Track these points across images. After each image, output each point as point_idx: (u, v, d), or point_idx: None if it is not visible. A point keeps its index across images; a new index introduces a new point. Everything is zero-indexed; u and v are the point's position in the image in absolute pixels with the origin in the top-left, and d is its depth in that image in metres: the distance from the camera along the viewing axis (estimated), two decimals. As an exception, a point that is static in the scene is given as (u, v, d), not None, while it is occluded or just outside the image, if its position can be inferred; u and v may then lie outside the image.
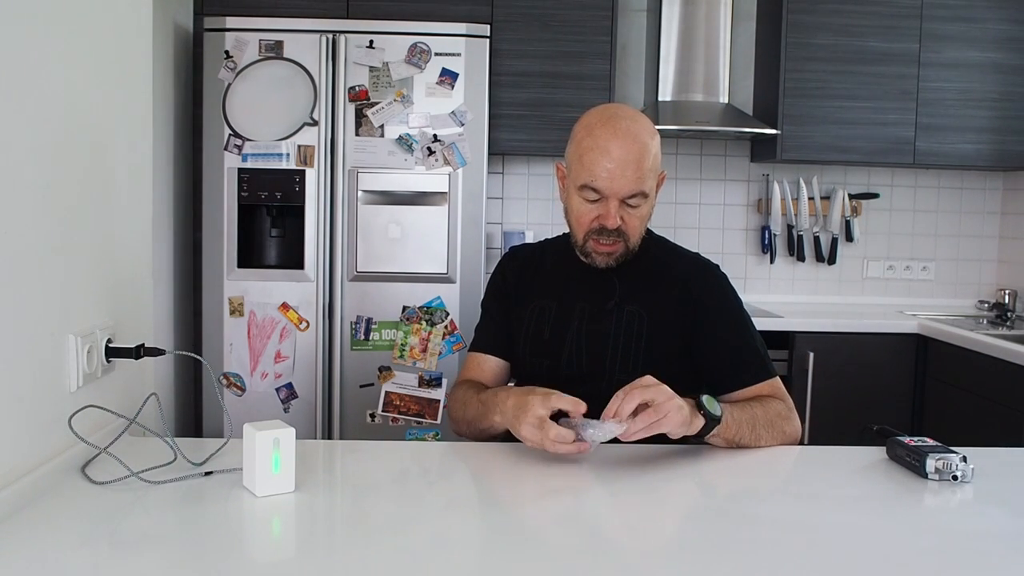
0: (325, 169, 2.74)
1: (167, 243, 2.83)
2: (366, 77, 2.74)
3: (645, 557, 1.02)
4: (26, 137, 1.15)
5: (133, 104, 1.55)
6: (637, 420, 1.27)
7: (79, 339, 1.27)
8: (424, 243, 2.77)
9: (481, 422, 1.46)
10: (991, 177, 3.60)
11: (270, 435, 1.14)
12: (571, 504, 1.21)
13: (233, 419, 1.38)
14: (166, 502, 1.14)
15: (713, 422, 1.35)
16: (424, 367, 2.78)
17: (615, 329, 1.56)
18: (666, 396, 1.29)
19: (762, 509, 1.19)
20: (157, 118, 2.55)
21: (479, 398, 1.49)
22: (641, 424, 1.27)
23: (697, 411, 1.34)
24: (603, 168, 1.45)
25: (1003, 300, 3.34)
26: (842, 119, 3.21)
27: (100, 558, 0.98)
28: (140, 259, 1.58)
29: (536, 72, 3.07)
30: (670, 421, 1.29)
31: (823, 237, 3.54)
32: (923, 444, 1.31)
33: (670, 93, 3.27)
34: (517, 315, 1.64)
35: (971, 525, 1.15)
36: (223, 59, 2.72)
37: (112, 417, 1.31)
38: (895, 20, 3.19)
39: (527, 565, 0.98)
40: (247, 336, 2.76)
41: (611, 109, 1.51)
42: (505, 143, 3.09)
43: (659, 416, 1.28)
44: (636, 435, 1.28)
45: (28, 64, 1.16)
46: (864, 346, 3.02)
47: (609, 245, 1.52)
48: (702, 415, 1.34)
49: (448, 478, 1.35)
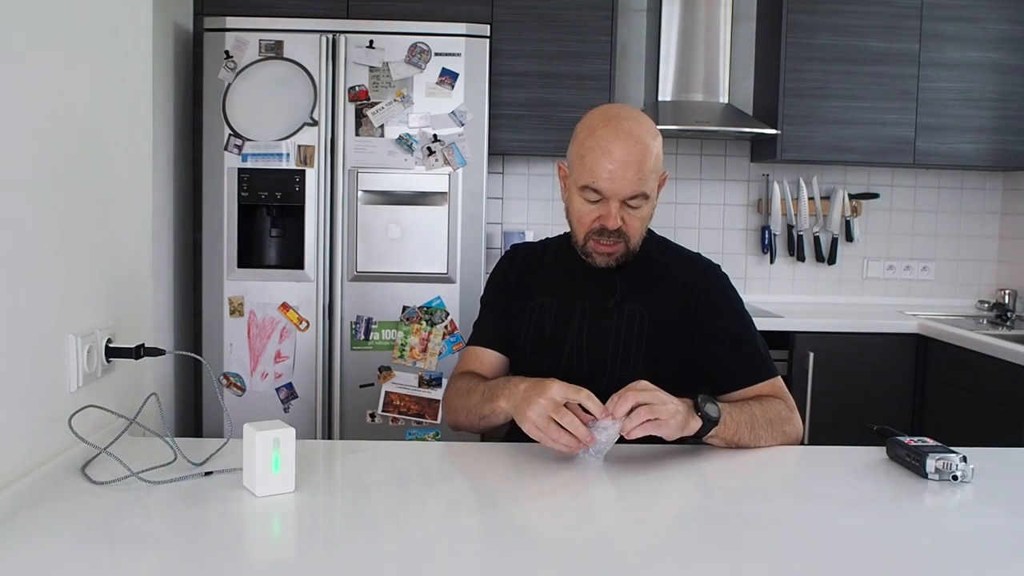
0: (325, 169, 2.74)
1: (167, 243, 2.83)
2: (366, 77, 2.74)
3: (645, 557, 1.02)
4: (26, 137, 1.15)
5: (133, 104, 1.55)
6: (632, 417, 1.27)
7: (79, 339, 1.27)
8: (424, 243, 2.77)
9: (483, 407, 1.44)
10: (991, 177, 3.60)
11: (270, 435, 1.14)
12: (571, 504, 1.21)
13: (233, 419, 1.38)
14: (166, 502, 1.14)
15: (711, 423, 1.35)
16: (424, 367, 2.78)
17: (616, 328, 1.56)
18: (660, 400, 1.30)
19: (762, 509, 1.19)
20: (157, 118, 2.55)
21: (487, 384, 1.48)
22: (637, 421, 1.27)
23: (694, 412, 1.34)
24: (604, 169, 1.45)
25: (1003, 300, 3.34)
26: (842, 119, 3.21)
27: (100, 558, 0.98)
28: (140, 259, 1.58)
29: (536, 72, 3.07)
30: (666, 425, 1.29)
31: (823, 237, 3.54)
32: (923, 444, 1.31)
33: (670, 93, 3.27)
34: (518, 312, 1.64)
35: (971, 525, 1.15)
36: (223, 59, 2.72)
37: (112, 417, 1.31)
38: (895, 20, 3.19)
39: (527, 565, 0.98)
40: (247, 336, 2.76)
41: (613, 109, 1.51)
42: (505, 143, 3.09)
43: (654, 416, 1.28)
44: (634, 432, 1.28)
45: (28, 64, 1.16)
46: (864, 346, 3.02)
47: (609, 246, 1.52)
48: (699, 416, 1.34)
49: (448, 478, 1.35)
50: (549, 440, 1.28)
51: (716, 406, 1.37)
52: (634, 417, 1.27)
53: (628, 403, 1.28)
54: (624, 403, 1.28)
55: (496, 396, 1.41)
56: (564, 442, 1.28)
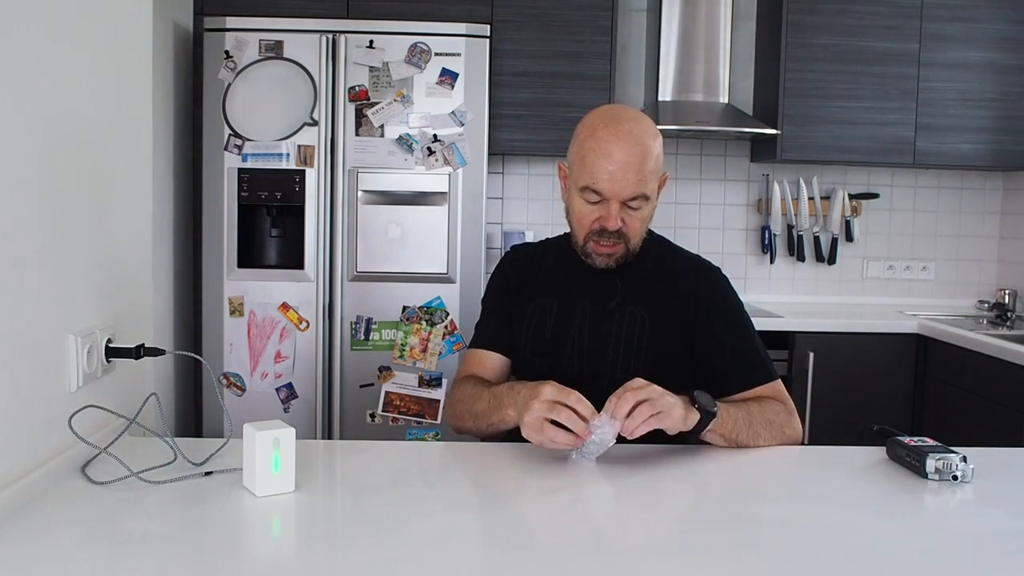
0: (325, 169, 2.74)
1: (167, 243, 2.83)
2: (366, 77, 2.74)
3: (645, 557, 1.02)
4: (26, 137, 1.15)
5: (133, 104, 1.55)
6: (634, 416, 1.27)
7: (79, 339, 1.27)
8: (424, 243, 2.77)
9: (492, 416, 1.44)
10: (991, 177, 3.60)
11: (270, 435, 1.14)
12: (571, 504, 1.21)
13: (233, 419, 1.38)
14: (166, 502, 1.14)
15: (708, 416, 1.35)
16: (424, 367, 2.78)
17: (616, 329, 1.56)
18: (659, 393, 1.30)
19: (762, 509, 1.19)
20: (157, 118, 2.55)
21: (492, 391, 1.47)
22: (640, 419, 1.27)
23: (691, 406, 1.34)
24: (604, 170, 1.45)
25: (1003, 300, 3.34)
26: (842, 119, 3.21)
27: (100, 558, 0.98)
28: (140, 259, 1.58)
29: (536, 72, 3.07)
30: (668, 416, 1.29)
31: (823, 237, 3.54)
32: (923, 444, 1.31)
33: (670, 93, 3.27)
34: (518, 313, 1.64)
35: (971, 525, 1.15)
36: (223, 59, 2.72)
37: (112, 417, 1.31)
38: (895, 20, 3.19)
39: (527, 565, 0.98)
40: (247, 336, 2.76)
41: (614, 110, 1.51)
42: (505, 143, 3.09)
43: (656, 411, 1.28)
44: (637, 431, 1.28)
45: (28, 64, 1.16)
46: (864, 346, 3.02)
47: (609, 247, 1.52)
48: (696, 409, 1.34)
49: (448, 478, 1.35)
50: (548, 441, 1.28)
51: (712, 401, 1.37)
52: (636, 416, 1.27)
53: (628, 403, 1.28)
54: (624, 404, 1.28)
55: (504, 404, 1.41)
56: (561, 440, 1.28)
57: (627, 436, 1.29)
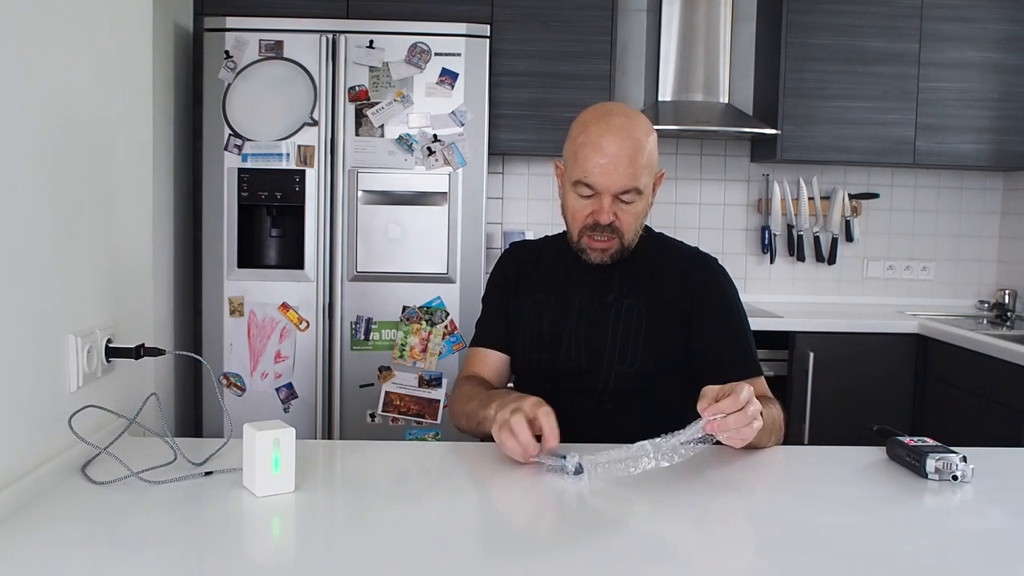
0: (325, 169, 2.74)
1: (167, 243, 2.82)
2: (366, 77, 2.74)
3: (645, 556, 1.02)
4: (26, 137, 1.15)
5: (133, 104, 1.55)
6: (728, 420, 1.22)
7: (79, 339, 1.27)
8: (424, 243, 2.77)
9: (478, 413, 1.46)
10: (991, 177, 3.60)
11: (270, 435, 1.14)
12: (571, 504, 1.21)
13: (233, 419, 1.38)
14: (166, 502, 1.14)
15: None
16: (424, 367, 2.78)
17: (613, 324, 1.56)
18: (757, 408, 1.25)
19: (762, 509, 1.19)
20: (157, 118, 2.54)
21: (488, 392, 1.50)
22: (734, 425, 1.22)
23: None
24: (596, 164, 1.46)
25: (1003, 300, 3.35)
26: (842, 119, 3.21)
27: (100, 558, 0.98)
28: (140, 259, 1.58)
29: (536, 72, 3.07)
30: (754, 431, 1.25)
31: (823, 237, 3.54)
32: (923, 444, 1.31)
33: (670, 93, 3.27)
34: (516, 309, 1.64)
35: (971, 525, 1.15)
36: (223, 59, 2.72)
37: (112, 417, 1.31)
38: (895, 20, 3.19)
39: (527, 565, 0.98)
40: (247, 336, 2.76)
41: (607, 107, 1.53)
42: (505, 143, 3.09)
43: (745, 423, 1.22)
44: (733, 441, 1.24)
45: (28, 64, 1.16)
46: (864, 346, 3.02)
47: (603, 241, 1.52)
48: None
49: (448, 478, 1.35)
50: (499, 444, 1.29)
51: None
52: (730, 420, 1.22)
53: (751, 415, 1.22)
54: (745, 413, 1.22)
55: (489, 403, 1.42)
56: (509, 447, 1.28)
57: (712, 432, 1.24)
